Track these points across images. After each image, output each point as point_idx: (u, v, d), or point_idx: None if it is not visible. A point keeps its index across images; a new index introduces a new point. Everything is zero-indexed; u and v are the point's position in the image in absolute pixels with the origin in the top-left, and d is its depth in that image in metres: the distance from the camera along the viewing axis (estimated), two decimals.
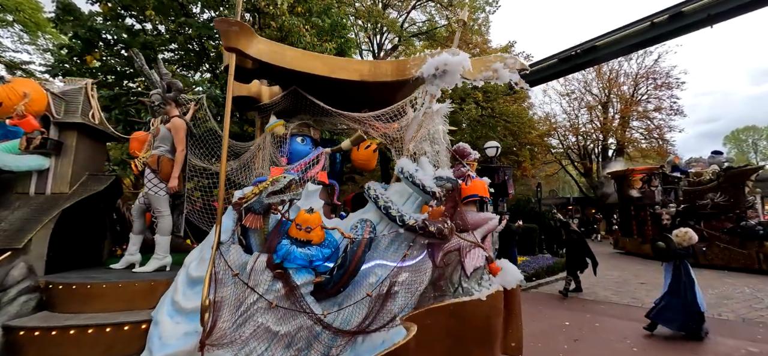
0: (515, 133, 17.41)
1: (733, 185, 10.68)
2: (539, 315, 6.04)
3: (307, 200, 2.89)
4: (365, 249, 2.56)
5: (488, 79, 3.15)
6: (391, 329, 2.36)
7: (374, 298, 2.43)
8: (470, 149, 4.14)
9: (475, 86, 11.91)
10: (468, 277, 3.02)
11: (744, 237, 10.02)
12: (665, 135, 23.41)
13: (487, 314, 2.86)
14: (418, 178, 2.89)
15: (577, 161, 26.97)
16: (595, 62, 21.21)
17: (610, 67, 24.21)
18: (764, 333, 5.05)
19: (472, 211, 3.65)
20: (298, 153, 3.55)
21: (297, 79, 3.33)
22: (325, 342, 2.29)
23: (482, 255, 3.21)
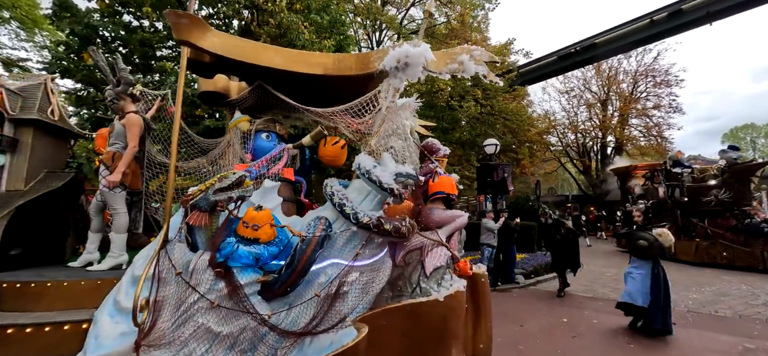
0: (514, 130, 17.39)
1: (738, 182, 10.32)
2: (538, 313, 6.07)
3: (265, 197, 2.77)
4: (316, 248, 2.47)
5: (454, 71, 3.06)
6: (340, 330, 2.28)
7: (322, 298, 2.34)
8: (440, 144, 4.04)
9: (474, 84, 11.89)
10: (427, 277, 2.94)
11: (748, 235, 9.63)
12: (664, 133, 23.31)
13: (444, 315, 2.79)
14: (375, 174, 2.80)
15: (576, 159, 26.92)
16: (594, 60, 21.18)
17: (610, 65, 24.11)
18: (761, 330, 5.05)
19: (438, 208, 3.58)
20: (263, 149, 3.46)
21: (262, 74, 3.25)
22: (270, 343, 2.20)
23: (445, 255, 3.12)
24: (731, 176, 10.45)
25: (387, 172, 2.88)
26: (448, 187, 3.66)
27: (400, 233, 2.66)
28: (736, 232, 9.91)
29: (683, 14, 16.97)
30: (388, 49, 2.94)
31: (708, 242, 10.38)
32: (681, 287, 7.73)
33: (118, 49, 8.74)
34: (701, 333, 4.97)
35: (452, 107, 14.83)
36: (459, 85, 14.64)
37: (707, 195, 10.87)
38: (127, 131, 3.23)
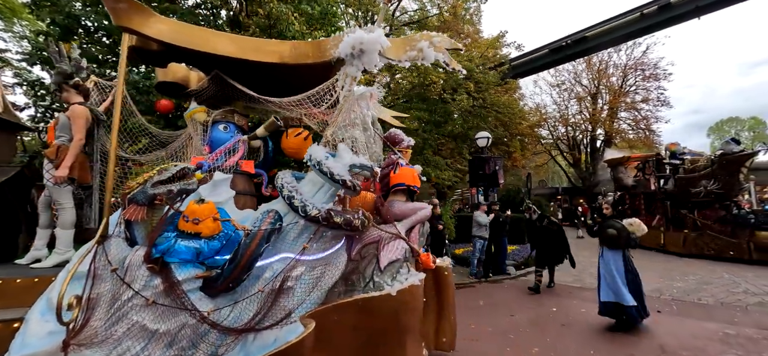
0: (506, 123, 17.47)
1: (727, 173, 10.14)
2: (528, 303, 6.15)
3: (215, 190, 2.66)
4: (262, 242, 2.35)
5: (414, 59, 2.96)
6: (285, 326, 2.19)
7: (266, 294, 2.25)
8: (403, 135, 3.94)
9: (467, 77, 11.90)
10: (381, 271, 2.86)
11: (736, 226, 9.60)
12: (652, 126, 23.57)
13: (397, 309, 2.73)
14: (327, 166, 2.69)
15: (566, 152, 27.27)
16: (585, 53, 21.30)
17: (600, 58, 24.23)
18: (740, 317, 5.16)
19: (399, 201, 3.49)
20: (220, 141, 3.32)
21: (218, 63, 3.09)
22: (212, 341, 2.11)
23: (401, 248, 3.04)
24: (721, 167, 10.26)
25: (341, 163, 2.79)
26: (410, 179, 3.57)
27: (352, 226, 2.58)
28: (724, 223, 9.87)
29: (672, 8, 17.14)
30: (342, 36, 2.84)
31: (696, 233, 10.33)
32: (667, 276, 7.82)
33: (101, 40, 8.50)
34: (684, 320, 5.04)
35: (445, 100, 14.82)
36: (451, 79, 14.64)
37: (696, 186, 10.73)
38: (71, 123, 3.08)
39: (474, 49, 17.34)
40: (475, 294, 7.04)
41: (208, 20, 8.65)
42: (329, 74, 3.09)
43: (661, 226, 11.72)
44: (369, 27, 2.88)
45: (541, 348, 4.19)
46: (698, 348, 4.08)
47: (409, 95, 15.86)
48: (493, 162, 11.12)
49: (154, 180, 2.32)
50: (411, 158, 13.32)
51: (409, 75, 14.91)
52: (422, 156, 15.29)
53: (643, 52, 23.10)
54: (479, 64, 15.46)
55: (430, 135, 15.34)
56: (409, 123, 14.58)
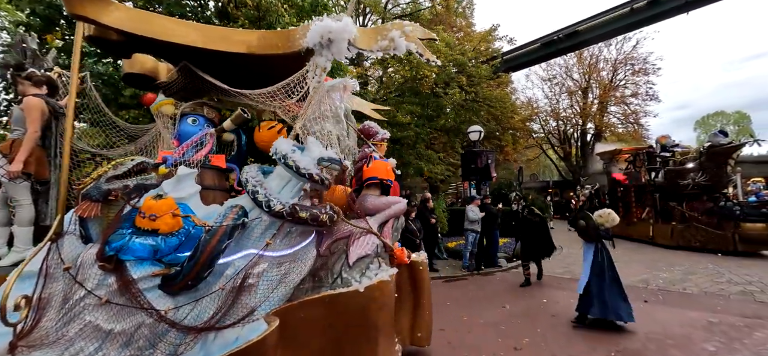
0: (498, 118, 17.55)
1: (715, 165, 10.13)
2: (520, 295, 6.21)
3: (179, 185, 2.57)
4: (224, 238, 2.27)
5: (385, 49, 2.89)
6: (247, 325, 2.14)
7: (227, 291, 2.19)
8: (378, 128, 3.83)
9: (459, 70, 11.91)
10: (350, 267, 2.82)
11: (721, 218, 9.61)
12: (640, 120, 24.08)
13: (365, 306, 2.68)
14: (293, 159, 2.63)
15: (557, 146, 27.63)
16: (576, 47, 21.43)
17: (591, 53, 24.47)
18: (723, 305, 5.27)
19: (372, 195, 3.42)
20: (188, 135, 3.22)
21: (186, 54, 2.97)
22: (170, 340, 2.04)
23: (372, 244, 2.99)
24: (709, 159, 10.26)
25: (309, 157, 2.73)
26: (383, 172, 3.48)
27: (319, 221, 2.52)
28: (710, 215, 9.89)
29: (661, 3, 17.31)
30: (310, 25, 2.74)
31: (683, 225, 10.37)
32: (653, 267, 7.92)
33: None
34: (670, 309, 5.12)
35: (437, 94, 14.84)
36: (444, 72, 14.65)
37: (685, 179, 10.72)
38: (25, 115, 2.93)
39: (466, 43, 17.35)
40: (468, 286, 7.12)
41: (195, 12, 8.46)
42: (299, 64, 3.02)
43: (650, 218, 11.79)
44: (336, 15, 2.80)
45: (531, 338, 4.27)
46: (683, 336, 4.18)
47: (402, 88, 15.81)
48: (485, 156, 11.20)
49: (108, 175, 2.24)
50: (404, 152, 13.37)
51: (402, 69, 14.86)
52: (415, 150, 15.30)
53: (633, 47, 23.40)
54: (471, 58, 15.47)
55: (423, 129, 15.34)
56: (402, 117, 14.56)
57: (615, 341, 4.10)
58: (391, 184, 3.58)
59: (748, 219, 9.17)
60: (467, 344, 4.16)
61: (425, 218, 8.32)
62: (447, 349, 4.04)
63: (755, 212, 9.23)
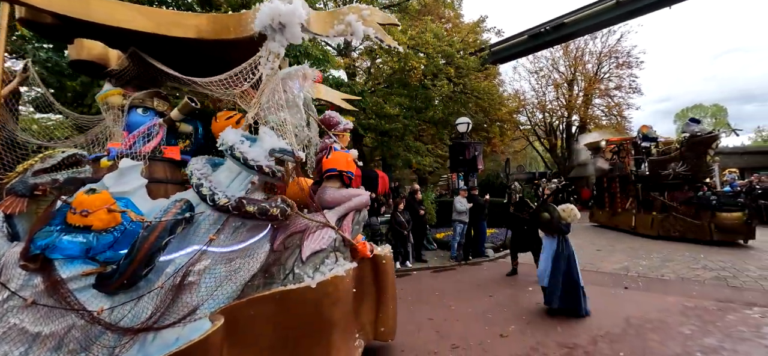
0: (486, 109, 17.72)
1: (695, 155, 10.13)
2: (506, 284, 6.37)
3: (121, 179, 2.45)
4: (164, 234, 2.17)
5: (342, 34, 2.81)
6: (189, 324, 2.07)
7: (166, 290, 2.12)
8: (340, 118, 3.74)
9: (447, 62, 11.90)
10: (303, 262, 2.73)
11: (699, 208, 9.62)
12: (624, 112, 24.78)
13: (318, 302, 2.62)
14: (240, 150, 2.53)
15: (543, 138, 28.17)
16: (563, 40, 21.71)
17: (577, 46, 24.86)
18: (698, 289, 5.54)
19: (331, 187, 3.36)
20: (138, 126, 3.09)
21: (136, 40, 2.81)
22: (106, 342, 1.97)
23: (328, 238, 2.93)
24: (688, 149, 10.28)
25: (260, 148, 2.63)
26: (343, 164, 3.41)
27: (268, 215, 2.43)
28: (689, 205, 10.02)
29: None
30: (260, 7, 2.64)
31: (663, 215, 10.53)
32: (634, 256, 8.23)
33: None
34: (648, 294, 5.35)
35: (425, 85, 14.85)
36: (432, 64, 14.66)
37: (666, 169, 10.74)
38: None
39: (455, 34, 17.36)
40: (456, 276, 7.24)
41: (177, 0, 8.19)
42: (255, 50, 2.92)
43: (633, 209, 11.93)
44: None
45: (517, 325, 4.39)
46: (660, 320, 4.38)
47: (390, 80, 15.75)
48: (473, 147, 11.32)
49: (34, 168, 2.13)
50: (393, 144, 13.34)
51: (390, 60, 14.78)
52: (403, 142, 15.32)
53: (618, 41, 23.88)
54: (460, 50, 15.49)
55: (411, 121, 15.35)
56: (390, 109, 14.53)
57: (597, 326, 4.26)
58: (352, 176, 3.51)
59: (723, 209, 9.21)
60: (455, 332, 4.25)
61: (414, 209, 8.39)
62: (435, 338, 4.12)
63: (731, 202, 9.34)
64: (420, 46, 14.43)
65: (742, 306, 4.76)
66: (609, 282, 6.23)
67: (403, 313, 4.99)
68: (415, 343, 3.98)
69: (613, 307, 4.89)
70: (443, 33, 15.97)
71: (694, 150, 10.21)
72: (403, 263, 7.84)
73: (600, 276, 6.71)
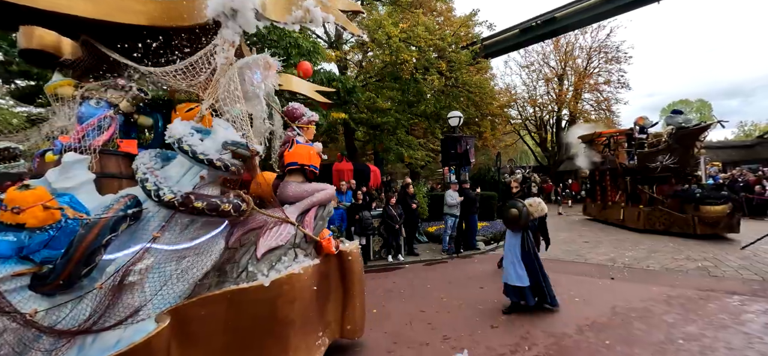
0: (477, 103, 17.83)
1: (683, 147, 9.94)
2: (497, 276, 6.40)
3: (65, 174, 2.35)
4: (105, 232, 2.08)
5: (301, 21, 2.74)
6: (131, 326, 2.01)
7: (106, 290, 2.04)
8: (304, 109, 3.63)
9: (439, 56, 11.88)
10: (258, 260, 2.63)
11: (683, 201, 9.52)
12: (612, 107, 25.23)
13: (272, 301, 2.55)
14: (188, 143, 2.43)
15: (533, 132, 28.51)
16: (554, 34, 21.86)
17: (567, 41, 25.07)
18: (682, 279, 5.71)
19: (294, 181, 3.25)
20: (90, 118, 2.96)
21: (85, 27, 2.69)
22: (42, 346, 1.90)
23: (286, 234, 2.81)
24: (676, 141, 10.06)
25: (212, 141, 2.54)
26: (305, 157, 3.30)
27: (219, 211, 2.35)
28: (674, 197, 9.93)
29: None
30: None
31: (649, 208, 10.49)
32: (620, 247, 8.44)
33: None
34: (634, 284, 5.49)
35: (417, 79, 14.84)
36: (424, 57, 14.64)
37: (654, 161, 10.54)
38: None
39: (446, 28, 17.32)
40: (447, 269, 7.32)
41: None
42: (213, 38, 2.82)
43: (622, 202, 11.92)
44: None
45: (507, 316, 4.47)
46: (645, 309, 4.51)
47: (382, 73, 15.68)
48: (465, 141, 11.37)
49: None
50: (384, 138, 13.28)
51: (382, 54, 14.71)
52: (395, 136, 15.33)
53: (607, 36, 24.17)
54: (452, 43, 15.50)
55: (403, 115, 15.35)
56: (382, 103, 14.49)
57: (584, 315, 4.37)
58: (316, 170, 3.42)
59: (706, 202, 9.12)
60: (446, 324, 4.32)
61: (406, 203, 8.43)
62: (427, 329, 4.18)
63: (714, 195, 9.26)
64: (411, 40, 14.38)
65: (722, 294, 4.93)
66: (596, 272, 6.39)
67: (396, 306, 5.04)
68: (408, 335, 4.03)
69: (600, 297, 5.02)
70: (435, 26, 15.94)
71: (682, 142, 10.01)
72: (395, 257, 7.89)
73: (587, 266, 6.88)
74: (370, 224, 7.56)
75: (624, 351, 3.47)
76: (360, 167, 11.01)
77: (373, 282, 6.32)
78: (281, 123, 3.77)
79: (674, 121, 10.34)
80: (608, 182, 12.99)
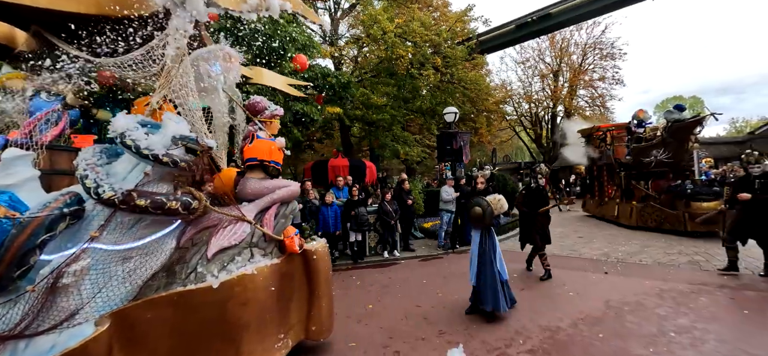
0: (473, 100, 17.90)
1: (677, 141, 9.58)
2: None
3: (5, 170, 2.25)
4: (39, 231, 1.99)
5: (257, 9, 2.67)
6: (67, 330, 1.93)
7: (39, 293, 1.96)
8: (267, 103, 3.45)
9: (435, 51, 11.82)
10: (209, 260, 2.52)
11: (675, 197, 9.19)
12: (607, 103, 25.49)
13: (222, 303, 2.45)
14: (132, 138, 2.32)
15: (529, 128, 28.68)
16: (549, 30, 21.93)
17: (563, 37, 25.20)
18: (674, 274, 5.77)
19: (254, 178, 3.12)
20: (40, 112, 2.85)
21: (35, 17, 2.61)
22: None
23: (241, 233, 2.71)
24: (671, 135, 9.70)
25: (160, 135, 2.44)
26: (265, 153, 3.15)
27: (165, 209, 2.26)
28: (667, 193, 9.52)
29: None
30: None
31: (642, 204, 10.27)
32: (614, 242, 8.52)
33: None
34: (627, 278, 5.56)
35: (412, 75, 14.82)
36: (419, 53, 14.61)
37: (648, 156, 10.20)
38: None
39: (442, 23, 17.31)
40: (443, 264, 7.36)
41: None
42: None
43: (617, 198, 11.74)
44: None
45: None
46: (638, 302, 4.58)
47: (377, 68, 15.63)
48: (461, 138, 11.43)
49: None
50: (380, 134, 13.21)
51: (377, 49, 14.65)
52: (391, 132, 15.32)
53: (602, 32, 24.33)
54: (447, 39, 15.47)
55: (399, 111, 15.34)
56: (378, 99, 14.45)
57: (578, 308, 4.42)
58: (279, 166, 3.28)
59: (698, 198, 8.80)
60: (442, 318, 4.35)
61: (402, 199, 8.44)
62: (423, 324, 4.21)
63: (706, 190, 8.98)
64: (407, 35, 14.33)
65: (713, 288, 5.02)
66: (590, 267, 6.46)
67: (391, 301, 5.07)
68: (403, 329, 4.06)
69: (594, 291, 5.09)
70: (430, 22, 15.89)
71: (676, 136, 9.64)
72: (391, 253, 7.92)
73: (581, 261, 6.96)
74: (365, 220, 7.56)
75: (617, 344, 3.52)
76: (356, 163, 11.00)
77: (369, 277, 6.34)
78: (245, 118, 3.63)
79: (672, 117, 9.94)
80: (605, 177, 12.86)
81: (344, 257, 7.82)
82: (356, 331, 4.05)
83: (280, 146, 3.30)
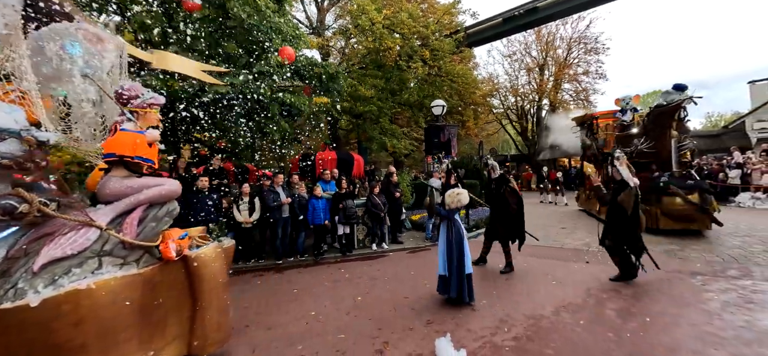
0: (461, 93, 18.04)
1: (659, 128, 8.53)
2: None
3: None
4: None
5: None
6: None
7: None
8: (142, 90, 2.99)
9: (423, 44, 11.78)
10: (35, 273, 2.21)
11: (649, 191, 8.05)
12: (590, 97, 26.14)
13: (46, 324, 2.15)
14: None
15: (515, 121, 29.13)
16: (536, 23, 22.21)
17: (549, 30, 25.60)
18: (650, 262, 6.22)
19: (116, 176, 2.78)
20: None
21: None
22: None
23: (84, 241, 2.41)
24: (652, 122, 8.71)
25: None
26: (127, 147, 2.74)
27: None
28: (647, 186, 8.29)
29: None
30: None
31: None
32: (595, 233, 8.94)
33: None
34: (606, 267, 5.70)
35: (400, 67, 14.80)
36: (407, 45, 14.59)
37: (629, 145, 8.96)
38: None
39: (430, 15, 17.28)
40: (430, 255, 7.45)
41: None
42: None
43: None
44: None
45: (488, 300, 4.63)
46: (616, 290, 4.78)
47: (365, 61, 15.55)
48: (448, 131, 11.56)
49: None
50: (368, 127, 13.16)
51: (365, 40, 14.55)
52: (378, 125, 15.30)
53: (587, 26, 24.79)
54: (435, 31, 15.48)
55: (386, 103, 15.32)
56: (365, 91, 14.39)
57: (560, 297, 4.59)
58: (151, 162, 2.93)
59: (668, 192, 7.96)
60: (429, 309, 4.44)
61: (390, 192, 8.49)
62: (411, 314, 4.29)
63: (680, 183, 8.00)
64: (395, 26, 14.27)
65: (687, 275, 5.29)
66: (571, 257, 6.69)
67: (380, 293, 5.13)
68: (392, 320, 4.13)
69: (575, 280, 5.28)
70: (418, 13, 15.84)
71: (657, 122, 8.60)
72: (379, 245, 7.98)
73: (563, 251, 7.19)
74: (353, 213, 7.59)
75: (597, 329, 3.68)
76: (343, 156, 10.96)
77: (358, 269, 6.39)
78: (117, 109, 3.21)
79: (671, 98, 8.38)
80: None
81: (333, 250, 7.84)
82: (345, 323, 4.10)
83: (150, 140, 2.90)
